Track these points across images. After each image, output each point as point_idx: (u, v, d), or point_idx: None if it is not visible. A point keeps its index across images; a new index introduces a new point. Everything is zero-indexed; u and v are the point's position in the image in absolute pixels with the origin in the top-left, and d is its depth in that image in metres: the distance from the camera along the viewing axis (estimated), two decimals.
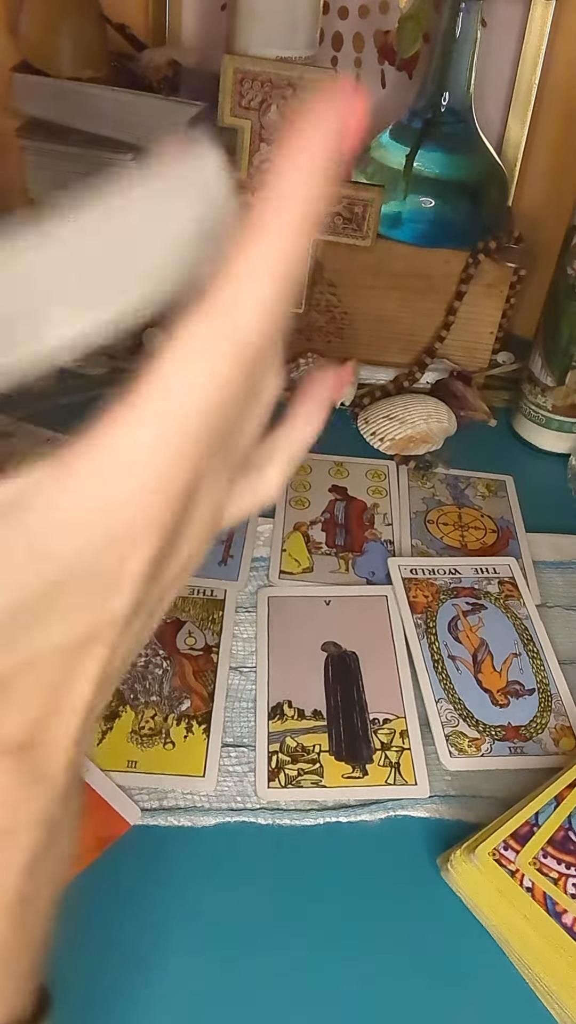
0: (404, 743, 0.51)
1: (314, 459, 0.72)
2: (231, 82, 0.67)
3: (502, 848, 0.42)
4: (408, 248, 0.76)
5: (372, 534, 0.65)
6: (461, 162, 0.76)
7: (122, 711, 0.51)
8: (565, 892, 0.41)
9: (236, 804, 0.47)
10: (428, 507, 0.68)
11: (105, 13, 0.76)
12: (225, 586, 0.59)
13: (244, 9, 0.69)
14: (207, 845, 0.45)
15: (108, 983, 0.40)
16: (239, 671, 0.54)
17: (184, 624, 0.56)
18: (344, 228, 0.72)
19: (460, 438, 0.75)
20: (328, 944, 0.42)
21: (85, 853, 0.44)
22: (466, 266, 0.75)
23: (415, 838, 0.47)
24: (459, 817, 0.47)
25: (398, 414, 0.73)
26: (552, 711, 0.53)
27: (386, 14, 0.80)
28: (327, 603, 0.59)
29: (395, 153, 0.75)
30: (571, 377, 0.72)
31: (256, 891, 0.44)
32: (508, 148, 0.82)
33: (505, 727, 0.52)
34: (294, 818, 0.47)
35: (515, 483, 0.72)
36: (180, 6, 0.83)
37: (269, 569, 0.61)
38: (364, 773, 0.49)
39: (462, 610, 0.59)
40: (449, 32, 0.70)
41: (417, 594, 0.60)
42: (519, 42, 0.78)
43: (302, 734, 0.51)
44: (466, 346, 0.80)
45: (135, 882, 0.43)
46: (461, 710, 0.53)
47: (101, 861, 0.44)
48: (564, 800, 0.44)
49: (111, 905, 0.43)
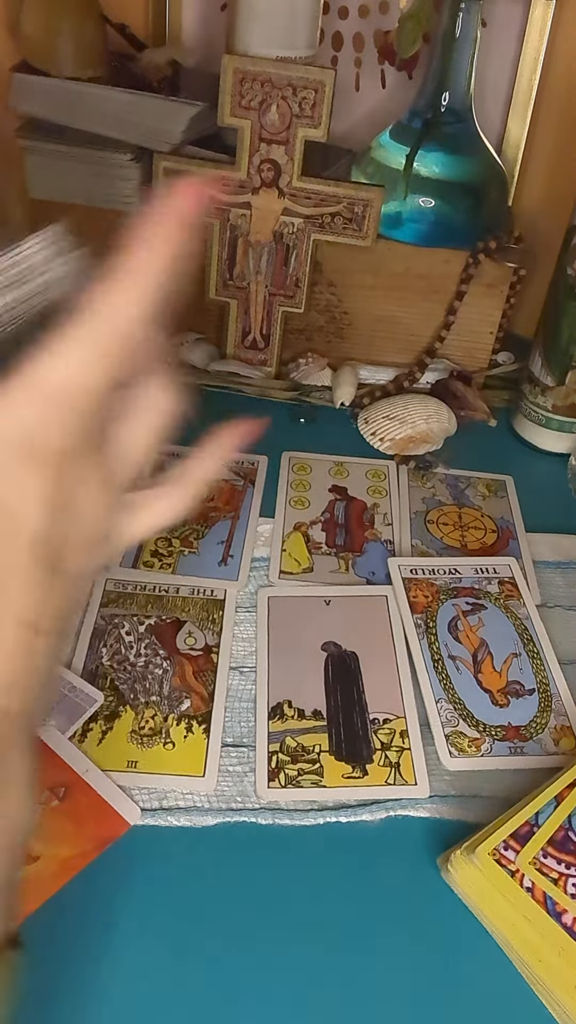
0: (404, 743, 0.51)
1: (314, 459, 0.72)
2: (231, 82, 0.67)
3: (502, 848, 0.42)
4: (408, 248, 0.76)
5: (372, 534, 0.65)
6: (461, 162, 0.76)
7: (122, 711, 0.51)
8: (565, 892, 0.41)
9: (236, 804, 0.47)
10: (428, 507, 0.68)
11: (105, 13, 0.76)
12: (225, 586, 0.59)
13: (244, 9, 0.69)
14: (207, 845, 0.45)
15: (108, 983, 0.40)
16: (239, 671, 0.54)
17: (184, 624, 0.56)
18: (344, 228, 0.72)
19: (460, 438, 0.75)
20: (328, 944, 0.42)
21: (85, 853, 0.44)
22: (466, 266, 0.75)
23: (415, 838, 0.47)
24: (459, 817, 0.47)
25: (398, 414, 0.73)
26: (552, 711, 0.53)
27: (386, 14, 0.80)
28: (327, 603, 0.59)
29: (395, 153, 0.75)
30: (571, 377, 0.72)
31: (256, 891, 0.44)
32: (508, 148, 0.82)
33: (505, 727, 0.52)
34: (294, 818, 0.47)
35: (515, 483, 0.72)
36: (180, 6, 0.83)
37: (269, 569, 0.61)
38: (364, 773, 0.49)
39: (462, 610, 0.59)
40: (449, 32, 0.70)
41: (417, 594, 0.60)
42: (519, 42, 0.78)
43: (302, 734, 0.51)
44: (466, 346, 0.80)
45: (135, 882, 0.43)
46: (461, 710, 0.53)
47: (101, 861, 0.44)
48: (564, 800, 0.44)
49: (111, 905, 0.43)
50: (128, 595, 0.58)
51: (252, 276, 0.76)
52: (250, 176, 0.71)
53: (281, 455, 0.72)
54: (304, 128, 0.68)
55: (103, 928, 0.42)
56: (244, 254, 0.75)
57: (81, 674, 0.52)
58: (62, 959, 0.41)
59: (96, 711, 0.51)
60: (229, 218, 0.73)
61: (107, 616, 0.56)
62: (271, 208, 0.72)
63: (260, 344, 0.79)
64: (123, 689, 0.52)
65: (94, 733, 0.50)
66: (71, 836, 0.45)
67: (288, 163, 0.70)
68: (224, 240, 0.74)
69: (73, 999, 0.39)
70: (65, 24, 0.72)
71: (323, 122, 0.67)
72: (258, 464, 0.70)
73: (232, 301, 0.77)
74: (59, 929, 0.42)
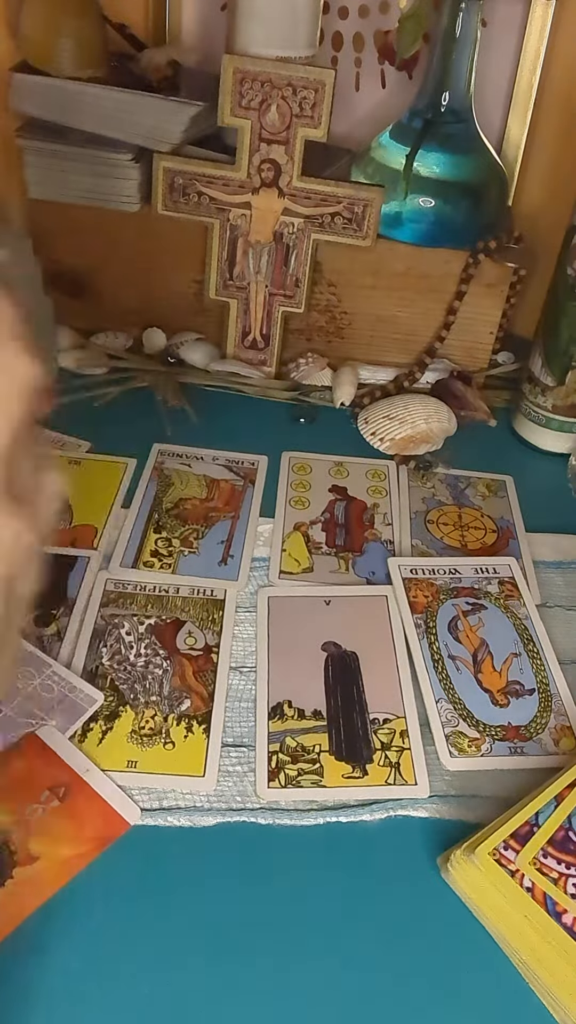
0: (404, 743, 0.51)
1: (314, 459, 0.72)
2: (231, 82, 0.67)
3: (502, 848, 0.42)
4: (408, 248, 0.76)
5: (372, 534, 0.65)
6: (461, 162, 0.76)
7: (122, 711, 0.51)
8: (565, 892, 0.41)
9: (236, 804, 0.47)
10: (428, 507, 0.68)
11: (105, 13, 0.76)
12: (225, 586, 0.59)
13: (244, 9, 0.69)
14: (207, 845, 0.45)
15: (108, 982, 0.40)
16: (239, 671, 0.54)
17: (184, 624, 0.56)
18: (344, 228, 0.72)
19: (460, 438, 0.75)
20: (328, 944, 0.42)
21: (85, 853, 0.44)
22: (466, 266, 0.75)
23: (415, 838, 0.47)
24: (459, 817, 0.47)
25: (398, 414, 0.73)
26: (552, 711, 0.53)
27: (386, 14, 0.80)
28: (327, 603, 0.59)
29: (395, 153, 0.75)
30: (571, 377, 0.72)
31: (256, 891, 0.44)
32: (508, 148, 0.82)
33: (505, 727, 0.52)
34: (294, 818, 0.47)
35: (515, 483, 0.72)
36: (180, 6, 0.83)
37: (269, 569, 0.61)
38: (364, 773, 0.49)
39: (462, 610, 0.59)
40: (449, 32, 0.70)
41: (417, 594, 0.60)
42: (519, 42, 0.78)
43: (302, 734, 0.51)
44: (466, 346, 0.80)
45: (135, 882, 0.43)
46: (461, 710, 0.53)
47: (101, 861, 0.44)
48: (564, 800, 0.44)
49: (111, 905, 0.43)
50: (128, 595, 0.58)
51: (252, 276, 0.76)
52: (250, 176, 0.71)
53: (281, 455, 0.72)
54: (304, 128, 0.68)
55: (103, 928, 0.42)
56: (244, 254, 0.75)
57: (81, 674, 0.52)
58: (62, 959, 0.41)
59: (96, 711, 0.51)
60: (229, 218, 0.73)
61: (107, 616, 0.56)
62: (271, 208, 0.72)
63: (260, 344, 0.79)
64: (123, 689, 0.52)
65: (94, 733, 0.50)
66: (71, 836, 0.45)
67: (288, 163, 0.70)
68: (224, 240, 0.74)
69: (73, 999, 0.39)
70: (65, 24, 0.72)
71: (323, 122, 0.67)
72: (258, 464, 0.70)
73: (232, 301, 0.77)
74: (59, 929, 0.42)
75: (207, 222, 0.74)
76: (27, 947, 0.41)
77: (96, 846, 0.45)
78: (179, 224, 0.74)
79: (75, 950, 0.41)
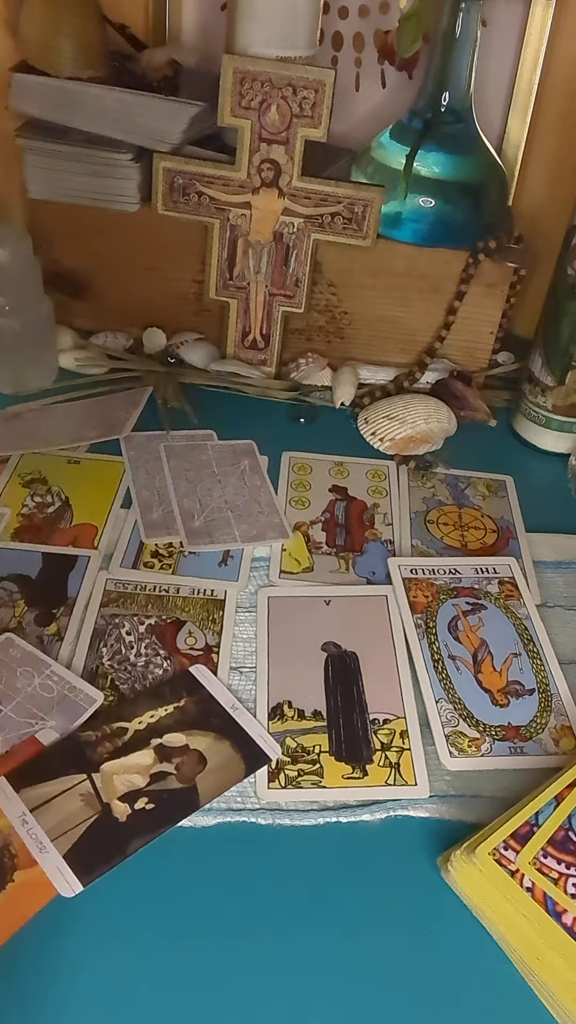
0: (404, 743, 0.51)
1: (314, 459, 0.72)
2: (231, 82, 0.67)
3: (502, 848, 0.42)
4: (408, 248, 0.76)
5: (372, 534, 0.65)
6: (461, 162, 0.76)
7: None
8: (565, 892, 0.41)
9: (236, 804, 0.47)
10: (428, 507, 0.68)
11: (105, 13, 0.76)
12: (225, 586, 0.59)
13: (244, 9, 0.69)
14: (207, 845, 0.45)
15: (107, 982, 0.40)
16: (239, 671, 0.54)
17: (184, 624, 0.56)
18: (344, 228, 0.72)
19: (460, 438, 0.75)
20: (328, 944, 0.42)
21: None
22: (466, 266, 0.75)
23: (415, 838, 0.47)
24: (459, 817, 0.47)
25: (398, 414, 0.73)
26: (552, 711, 0.53)
27: (386, 14, 0.80)
28: (327, 603, 0.59)
29: (395, 153, 0.75)
30: (571, 377, 0.72)
31: (256, 891, 0.44)
32: (508, 148, 0.82)
33: (505, 727, 0.52)
34: (294, 818, 0.47)
35: (515, 483, 0.72)
36: (180, 6, 0.83)
37: (269, 569, 0.61)
38: (364, 773, 0.49)
39: (462, 610, 0.59)
40: (449, 32, 0.70)
41: (417, 594, 0.60)
42: (519, 42, 0.78)
43: (302, 734, 0.51)
44: (466, 346, 0.80)
45: (135, 882, 0.43)
46: (461, 710, 0.53)
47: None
48: (564, 800, 0.44)
49: (111, 905, 0.43)
50: (128, 595, 0.58)
51: (252, 276, 0.76)
52: (250, 176, 0.71)
53: (281, 455, 0.72)
54: (304, 128, 0.68)
55: (102, 928, 0.42)
56: (244, 254, 0.75)
57: (81, 674, 0.52)
58: (61, 959, 0.41)
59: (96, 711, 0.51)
60: (229, 218, 0.73)
61: (107, 616, 0.56)
62: (271, 208, 0.72)
63: (260, 344, 0.79)
64: (123, 689, 0.52)
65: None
66: None
67: (288, 163, 0.70)
68: (224, 240, 0.74)
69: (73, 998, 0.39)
70: (65, 24, 0.72)
71: (323, 122, 0.67)
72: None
73: (232, 301, 0.78)
74: (59, 929, 0.42)
75: (207, 222, 0.74)
76: (27, 950, 0.41)
77: None
78: (179, 224, 0.74)
79: (75, 952, 0.41)
